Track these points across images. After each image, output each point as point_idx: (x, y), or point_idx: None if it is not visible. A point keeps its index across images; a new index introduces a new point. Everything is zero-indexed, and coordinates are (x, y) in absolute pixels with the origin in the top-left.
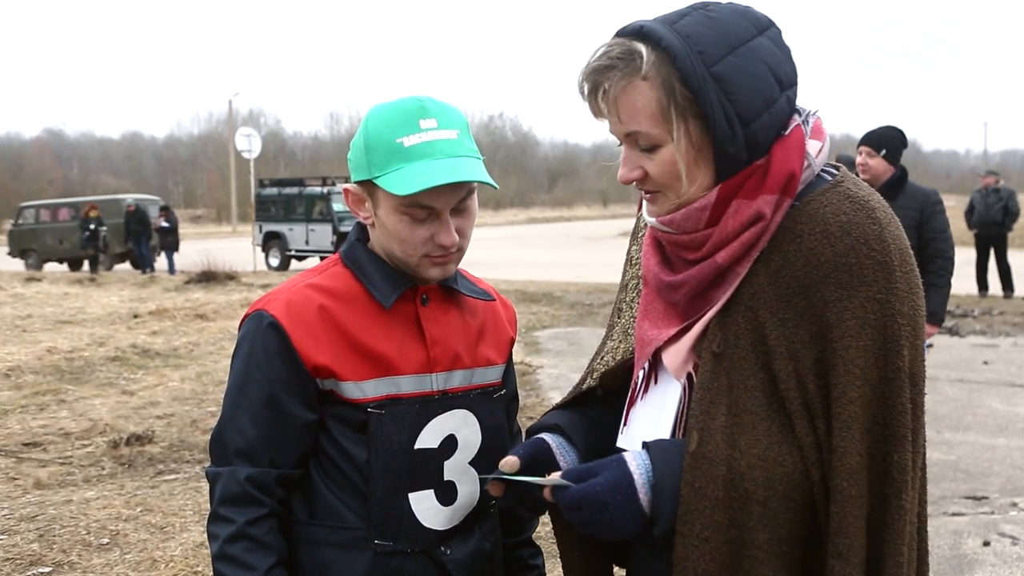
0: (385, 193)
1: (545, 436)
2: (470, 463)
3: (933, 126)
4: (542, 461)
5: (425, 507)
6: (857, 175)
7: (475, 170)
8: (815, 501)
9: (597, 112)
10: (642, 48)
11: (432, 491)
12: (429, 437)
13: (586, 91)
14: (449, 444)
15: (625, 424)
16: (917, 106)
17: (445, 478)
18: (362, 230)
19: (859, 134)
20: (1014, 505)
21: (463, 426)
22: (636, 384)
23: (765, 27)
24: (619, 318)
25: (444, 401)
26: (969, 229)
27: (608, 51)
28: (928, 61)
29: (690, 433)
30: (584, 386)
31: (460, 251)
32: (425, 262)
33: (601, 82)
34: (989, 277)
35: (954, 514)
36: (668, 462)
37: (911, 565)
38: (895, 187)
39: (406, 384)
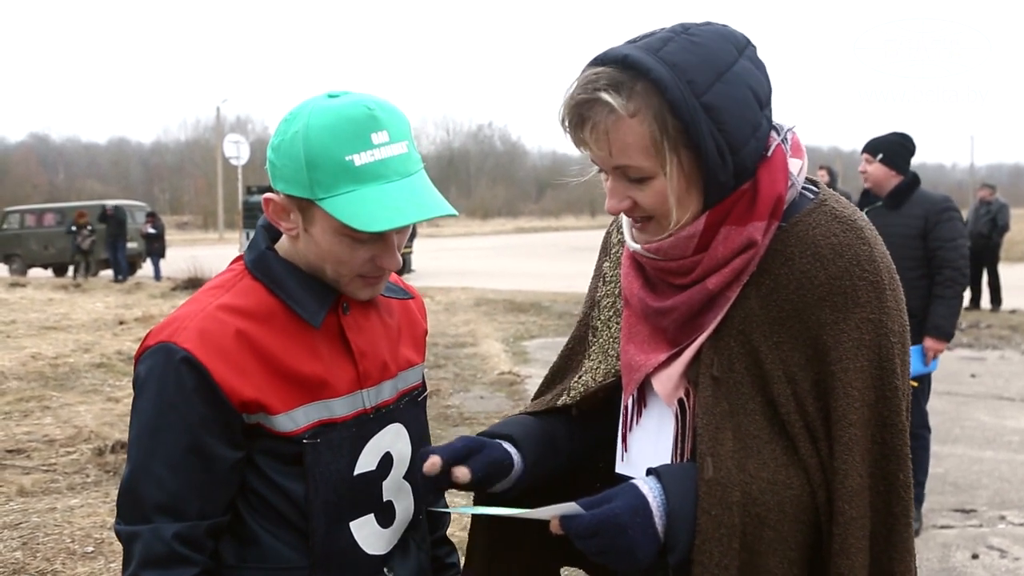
0: (325, 213)
1: (510, 450)
2: (404, 477)
3: (920, 140)
4: (499, 474)
5: (367, 533)
6: (842, 190)
7: (436, 199)
8: (821, 523)
9: (581, 144)
10: (630, 80)
11: (372, 515)
12: (368, 460)
13: (569, 124)
14: (386, 463)
15: (625, 451)
16: (904, 118)
17: (384, 499)
18: (268, 234)
19: (846, 146)
20: (1002, 518)
21: (396, 440)
22: (627, 410)
23: (744, 47)
24: (595, 337)
25: (379, 418)
26: None
27: (592, 82)
28: (926, 61)
29: (703, 459)
30: (559, 403)
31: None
32: (357, 282)
33: (588, 117)
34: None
35: (943, 527)
36: (680, 488)
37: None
38: (900, 196)
39: (339, 407)
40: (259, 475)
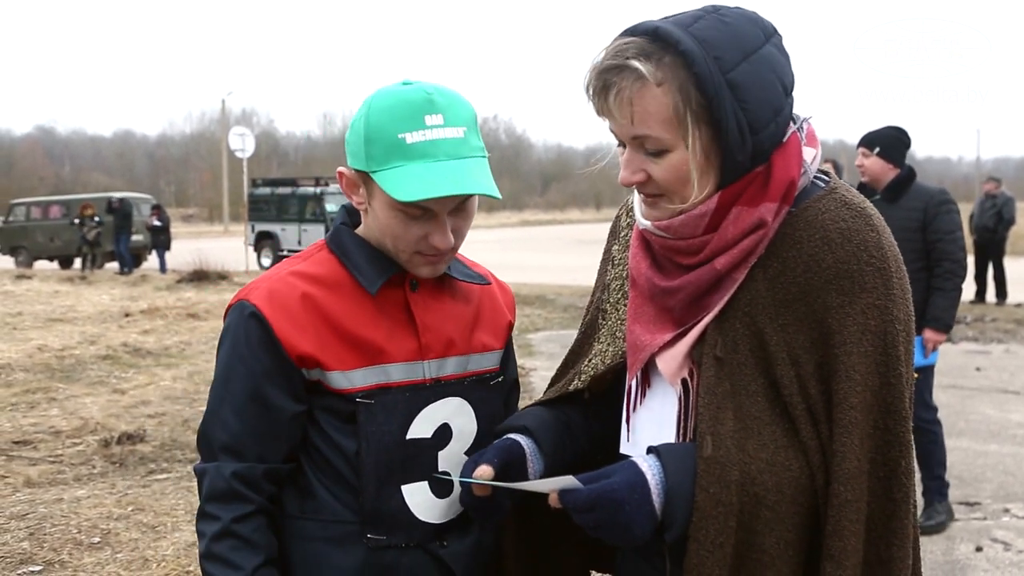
0: (380, 187)
1: (520, 440)
2: (466, 453)
3: (926, 133)
4: (514, 466)
5: (419, 500)
6: (849, 180)
7: (477, 179)
8: (819, 505)
9: (603, 112)
10: (659, 50)
11: (426, 483)
12: (421, 427)
13: (594, 90)
14: (443, 434)
15: (628, 430)
16: (909, 112)
17: (440, 469)
18: (348, 214)
19: (853, 140)
20: (1007, 511)
21: (457, 415)
22: (631, 390)
23: (771, 34)
24: (604, 319)
25: (437, 389)
26: (971, 235)
27: (622, 50)
28: (926, 61)
29: (702, 438)
30: (571, 388)
31: (453, 250)
32: (416, 259)
33: (613, 82)
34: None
35: None
36: (679, 466)
37: (916, 565)
38: (897, 189)
39: (396, 372)
40: (319, 431)
